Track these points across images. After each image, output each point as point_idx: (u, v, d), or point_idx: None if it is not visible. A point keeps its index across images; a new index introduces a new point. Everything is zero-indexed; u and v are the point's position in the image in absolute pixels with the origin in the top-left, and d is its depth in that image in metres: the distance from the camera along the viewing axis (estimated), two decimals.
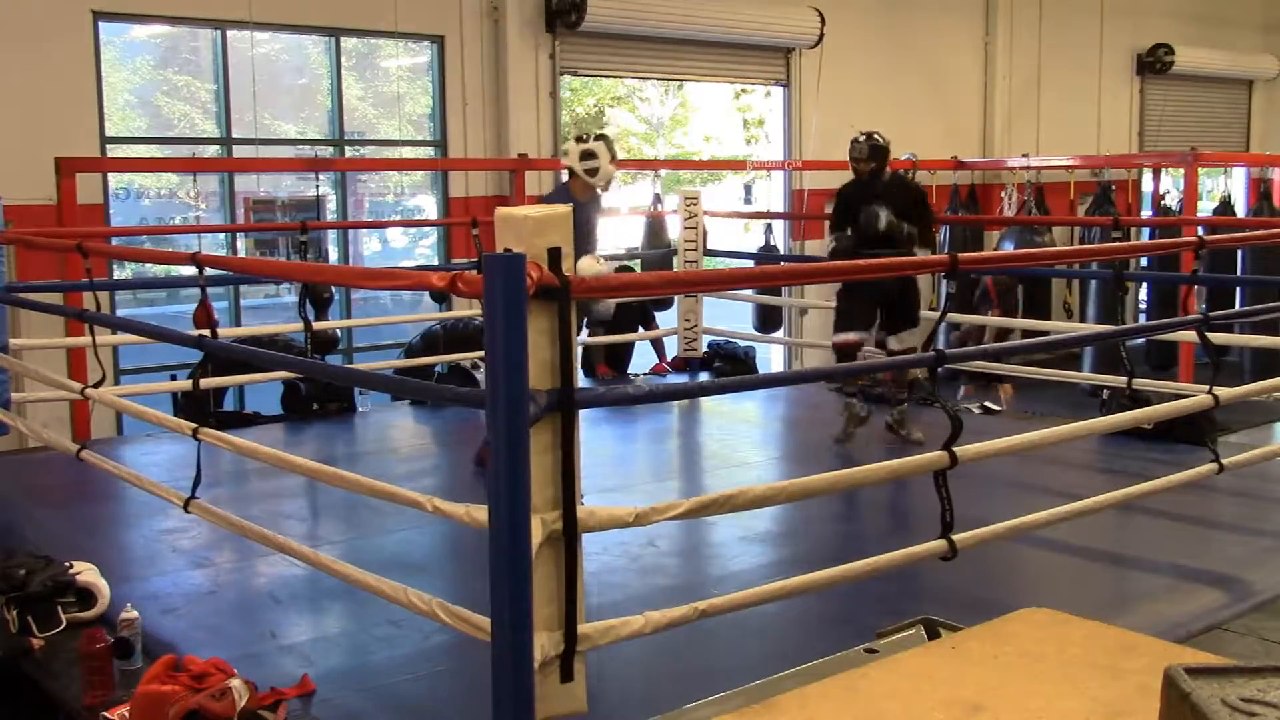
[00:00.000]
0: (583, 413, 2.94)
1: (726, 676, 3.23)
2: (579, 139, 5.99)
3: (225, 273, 7.08)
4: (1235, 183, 13.74)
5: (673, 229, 10.03)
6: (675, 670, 3.90)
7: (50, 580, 4.21)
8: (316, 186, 9.43)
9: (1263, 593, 4.56)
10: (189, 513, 4.42)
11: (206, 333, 5.27)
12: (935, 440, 3.81)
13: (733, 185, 19.42)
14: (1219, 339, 6.75)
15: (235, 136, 9.00)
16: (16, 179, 7.53)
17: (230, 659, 3.67)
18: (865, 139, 6.91)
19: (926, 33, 12.76)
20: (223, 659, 3.63)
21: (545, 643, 2.86)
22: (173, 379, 7.70)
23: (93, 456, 5.30)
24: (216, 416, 7.70)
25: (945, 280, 6.41)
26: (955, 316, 9.08)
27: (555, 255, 2.80)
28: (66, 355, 7.46)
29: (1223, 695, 1.52)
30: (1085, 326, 10.06)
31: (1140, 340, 10.47)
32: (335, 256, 9.86)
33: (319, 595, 4.67)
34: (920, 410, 7.01)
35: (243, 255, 9.52)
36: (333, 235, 9.85)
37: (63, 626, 4.14)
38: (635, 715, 3.15)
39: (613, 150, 6.01)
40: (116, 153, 8.69)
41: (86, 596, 4.27)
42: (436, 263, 10.00)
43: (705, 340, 9.66)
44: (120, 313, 8.57)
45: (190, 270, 5.46)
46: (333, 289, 8.70)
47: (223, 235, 9.39)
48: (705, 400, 8.32)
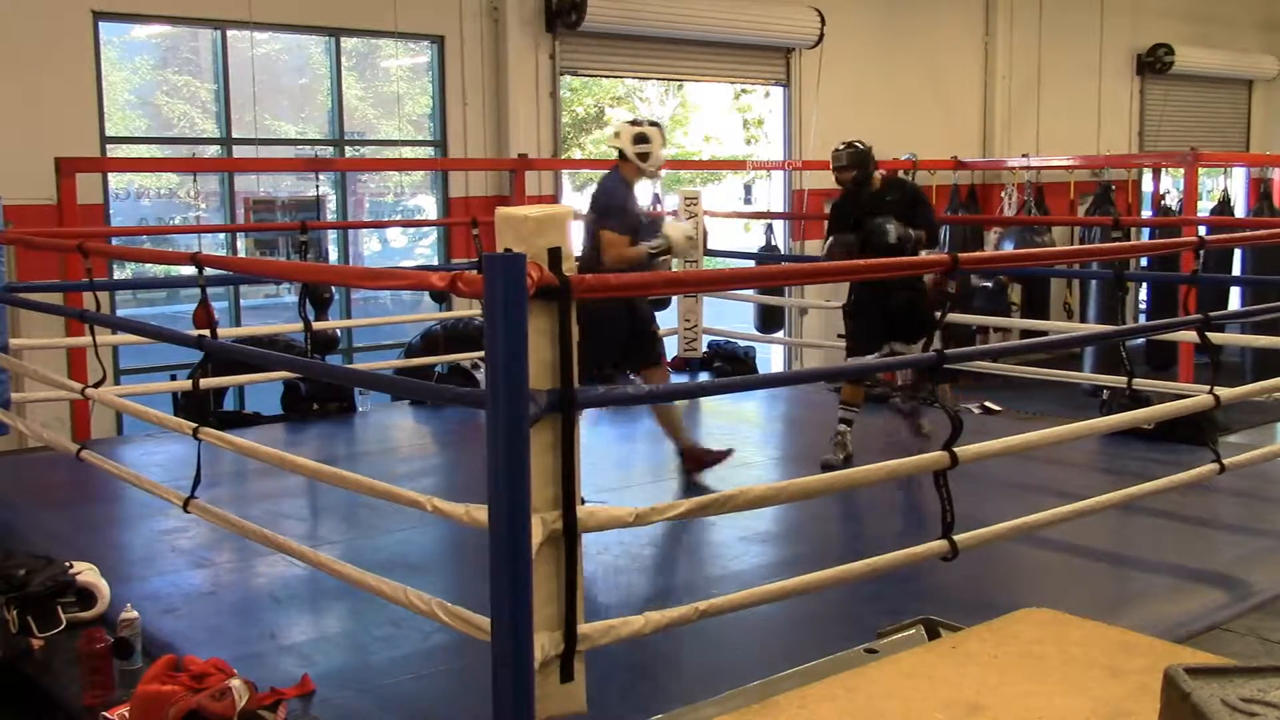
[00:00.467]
0: (583, 413, 2.93)
1: (726, 676, 3.23)
2: (634, 122, 5.90)
3: (225, 273, 7.07)
4: (1235, 183, 13.74)
5: None
6: (675, 670, 3.91)
7: (50, 580, 4.21)
8: (316, 186, 9.43)
9: (1263, 593, 4.56)
10: (189, 513, 4.42)
11: (206, 333, 5.28)
12: (935, 440, 3.81)
13: (733, 185, 19.45)
14: (1219, 339, 6.75)
15: (235, 136, 9.01)
16: (16, 179, 7.53)
17: (230, 659, 3.67)
18: (845, 147, 6.63)
19: (926, 33, 12.76)
20: (223, 659, 3.63)
21: (545, 643, 2.86)
22: (173, 379, 7.70)
23: (93, 456, 5.30)
24: (216, 416, 7.70)
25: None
26: (962, 318, 9.02)
27: (555, 255, 2.80)
28: (66, 355, 7.46)
29: (1223, 695, 1.52)
30: (1085, 326, 10.06)
31: (1140, 340, 10.47)
32: (335, 256, 9.86)
33: (319, 595, 4.67)
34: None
35: (243, 255, 9.52)
36: (333, 235, 9.85)
37: (63, 626, 4.13)
38: (635, 715, 3.14)
39: (665, 137, 5.94)
40: (116, 153, 8.69)
41: (86, 596, 4.27)
42: (436, 263, 10.01)
43: (705, 340, 9.66)
44: (120, 313, 8.57)
45: (190, 270, 5.46)
46: (333, 289, 8.70)
47: (223, 235, 9.39)
48: (705, 400, 8.32)
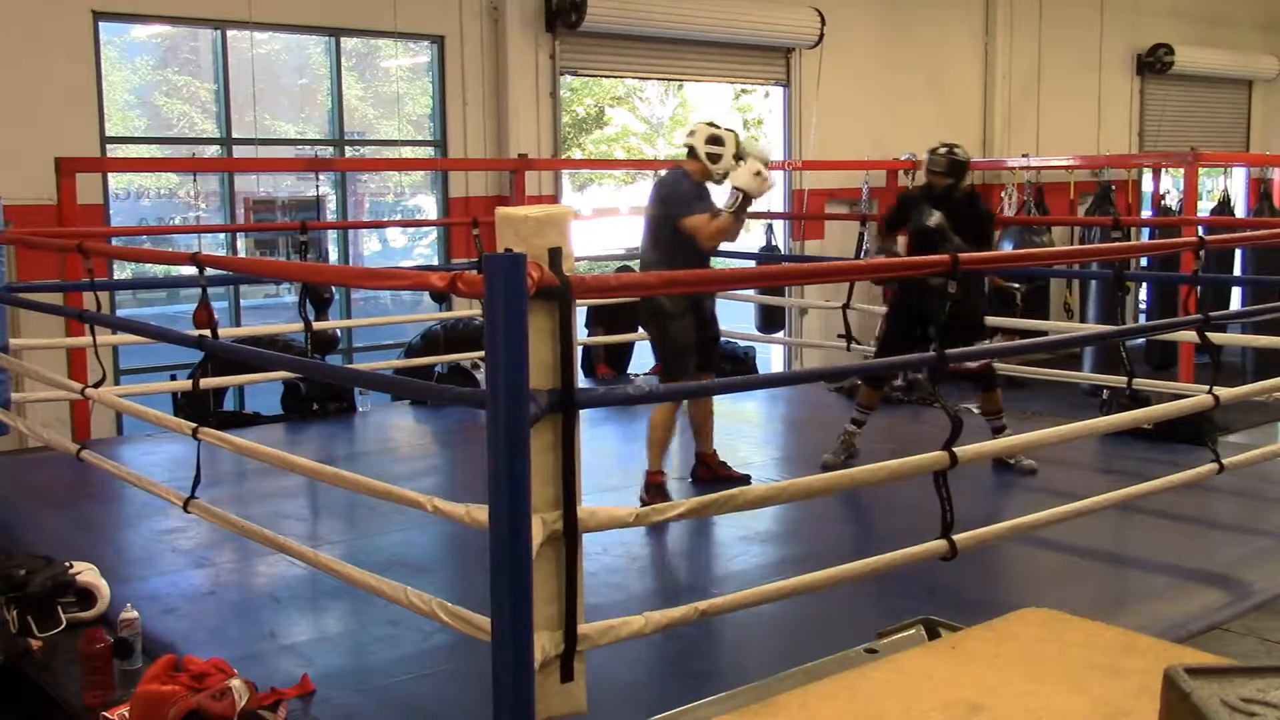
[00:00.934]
0: (583, 413, 2.93)
1: (726, 676, 3.24)
2: (711, 124, 5.86)
3: (225, 273, 7.07)
4: (1235, 183, 13.74)
5: None
6: (675, 670, 3.90)
7: (50, 580, 4.21)
8: (316, 186, 9.43)
9: (1263, 593, 4.56)
10: (189, 513, 4.42)
11: (206, 333, 5.27)
12: (935, 440, 3.81)
13: None
14: (1219, 339, 6.75)
15: (235, 136, 9.00)
16: (16, 179, 7.54)
17: (230, 659, 3.67)
18: (946, 152, 6.36)
19: (926, 33, 12.76)
20: (223, 659, 3.63)
21: (545, 643, 2.86)
22: (173, 379, 7.70)
23: (93, 456, 5.30)
24: (216, 416, 7.70)
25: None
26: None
27: (555, 255, 2.80)
28: (66, 355, 7.46)
29: (1223, 695, 1.52)
30: (1085, 326, 10.06)
31: (1140, 340, 10.47)
32: (335, 256, 9.86)
33: (319, 595, 4.67)
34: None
35: (243, 255, 9.52)
36: (333, 235, 9.85)
37: (63, 626, 4.14)
38: (635, 715, 3.14)
39: (739, 146, 5.78)
40: (116, 153, 8.70)
41: (86, 596, 4.27)
42: (436, 263, 10.01)
43: None
44: (120, 313, 8.57)
45: (190, 270, 5.46)
46: (333, 289, 8.70)
47: (223, 235, 9.39)
48: None
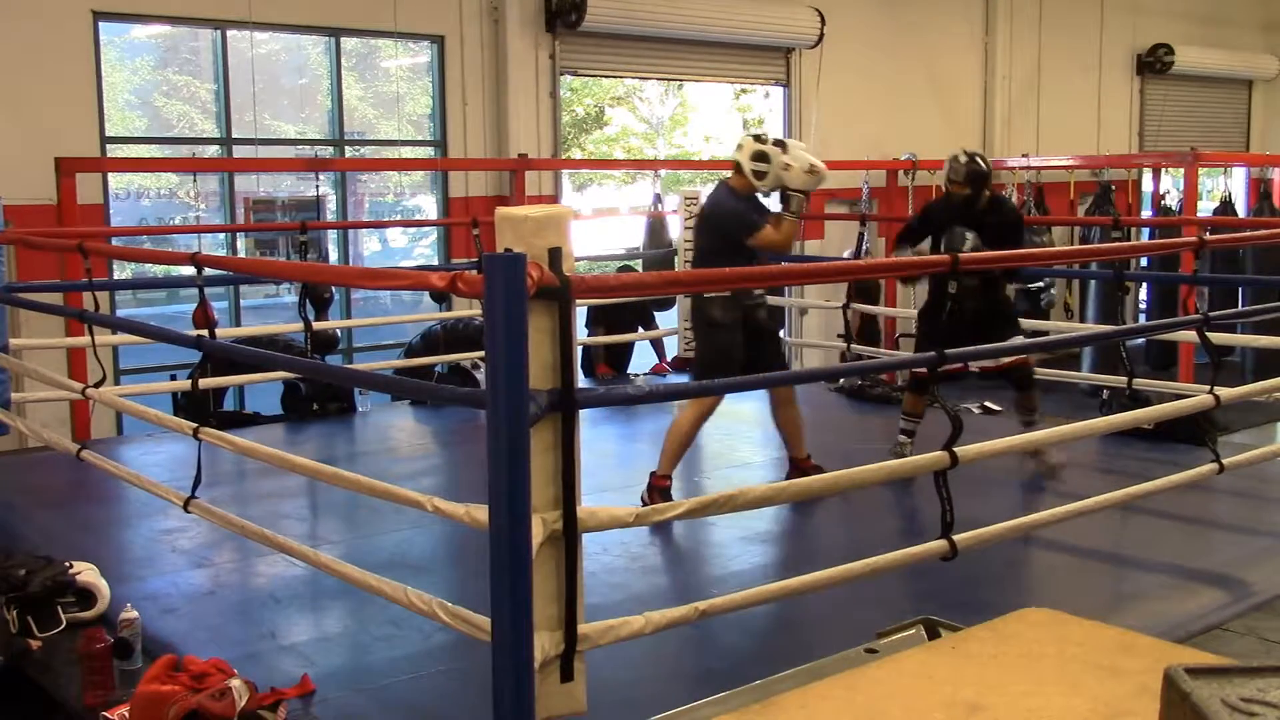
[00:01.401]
0: (583, 413, 2.93)
1: (726, 676, 3.23)
2: (758, 139, 5.81)
3: (225, 273, 7.08)
4: (1235, 183, 13.74)
5: (673, 229, 10.03)
6: (675, 670, 3.91)
7: (50, 580, 4.21)
8: (316, 186, 9.43)
9: (1262, 593, 4.56)
10: (189, 513, 4.42)
11: (205, 333, 5.27)
12: (935, 440, 3.81)
13: None
14: (1221, 339, 6.74)
15: (235, 136, 9.00)
16: (16, 179, 7.53)
17: (230, 659, 3.67)
18: (966, 161, 6.19)
19: (926, 33, 12.76)
20: (223, 659, 3.64)
21: (545, 643, 2.86)
22: (173, 379, 7.70)
23: (93, 456, 5.30)
24: (216, 416, 7.70)
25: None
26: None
27: (555, 255, 2.80)
28: (66, 355, 7.46)
29: (1223, 695, 1.52)
30: (1085, 326, 10.06)
31: (1140, 340, 10.47)
32: (335, 256, 9.86)
33: (319, 595, 4.67)
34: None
35: (243, 255, 9.52)
36: (333, 235, 9.85)
37: (63, 626, 4.13)
38: (635, 715, 3.14)
39: (787, 159, 5.72)
40: (116, 153, 8.70)
41: (86, 596, 4.27)
42: (436, 263, 10.01)
43: None
44: (120, 313, 8.57)
45: (190, 270, 5.46)
46: (333, 289, 8.70)
47: (223, 235, 9.39)
48: None
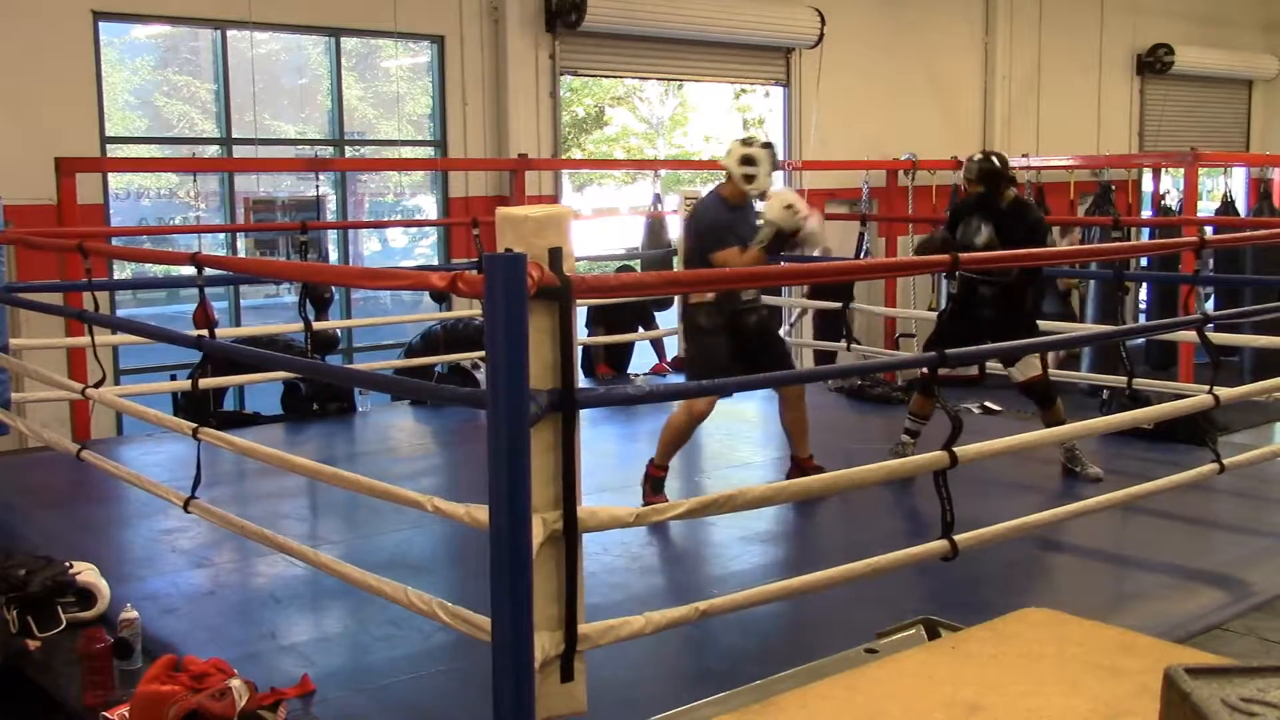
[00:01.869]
0: (583, 413, 2.93)
1: (726, 676, 3.23)
2: (744, 142, 5.78)
3: (225, 273, 7.08)
4: (1235, 183, 13.74)
5: (672, 229, 10.03)
6: (675, 670, 3.91)
7: (50, 580, 4.21)
8: (316, 186, 9.43)
9: (1263, 593, 4.56)
10: (189, 513, 4.42)
11: (205, 333, 5.27)
12: (935, 440, 3.81)
13: None
14: (1222, 339, 6.74)
15: (235, 136, 9.01)
16: (16, 179, 7.53)
17: (230, 659, 3.67)
18: (980, 159, 6.18)
19: (926, 33, 12.76)
20: (223, 659, 3.64)
21: (545, 643, 2.86)
22: (173, 379, 7.70)
23: (93, 456, 5.30)
24: (216, 416, 7.69)
25: (947, 281, 6.34)
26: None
27: (556, 255, 2.80)
28: (66, 355, 7.46)
29: (1223, 695, 1.52)
30: (1085, 326, 10.06)
31: (1140, 340, 10.46)
32: (335, 256, 9.86)
33: (319, 595, 4.67)
34: (1076, 452, 6.68)
35: (243, 255, 9.52)
36: (333, 235, 9.85)
37: (63, 626, 4.13)
38: (635, 715, 3.14)
39: (775, 161, 5.76)
40: (116, 153, 8.70)
41: (86, 596, 4.27)
42: (436, 263, 10.01)
43: None
44: (120, 313, 8.57)
45: (190, 270, 5.46)
46: (333, 289, 8.70)
47: (223, 235, 9.39)
48: None
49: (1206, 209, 12.48)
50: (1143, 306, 11.85)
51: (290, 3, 9.01)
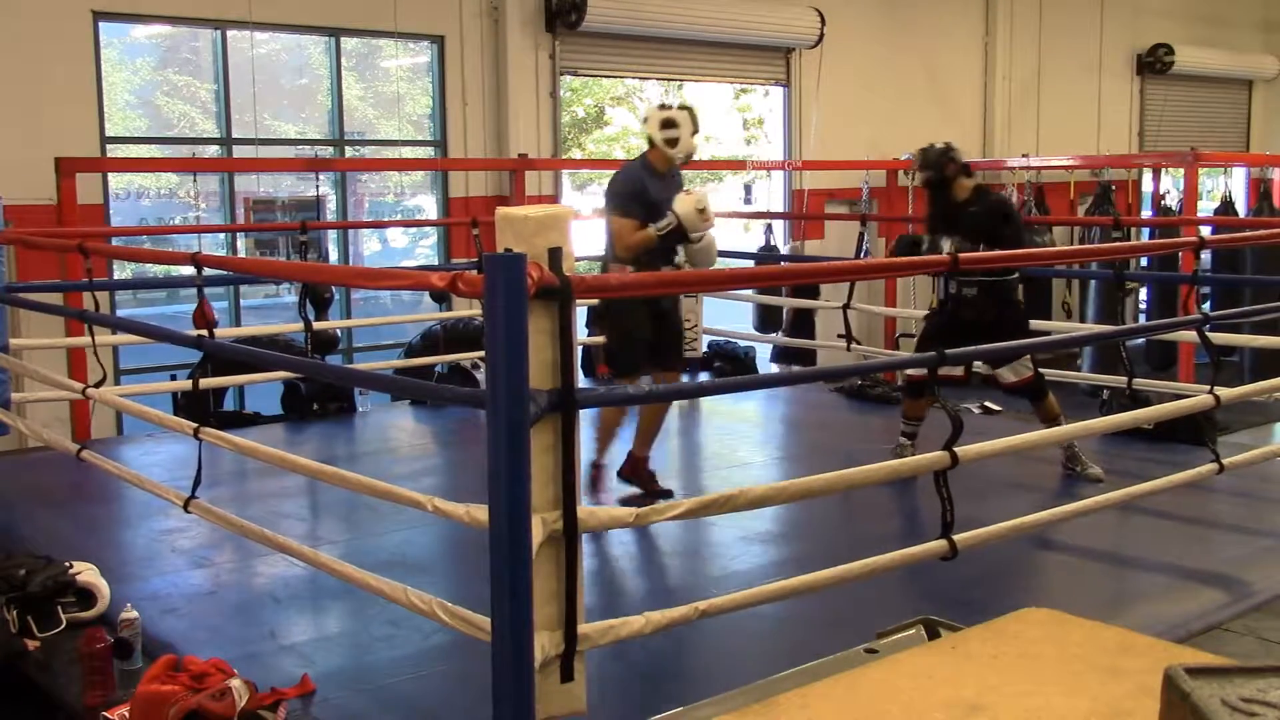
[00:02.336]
0: (583, 413, 2.93)
1: (726, 676, 3.23)
2: (662, 106, 5.79)
3: (225, 273, 7.08)
4: (1235, 183, 13.74)
5: None
6: (675, 670, 3.91)
7: (50, 580, 4.21)
8: (316, 186, 9.43)
9: (1263, 593, 4.56)
10: (189, 513, 4.42)
11: (205, 333, 5.27)
12: (935, 440, 3.81)
13: (733, 185, 19.43)
14: (1222, 339, 6.74)
15: (235, 136, 9.01)
16: (16, 179, 7.53)
17: (230, 659, 3.67)
18: (923, 150, 6.30)
19: (926, 33, 12.76)
20: (223, 659, 3.64)
21: (545, 643, 2.86)
22: (173, 379, 7.70)
23: (93, 456, 5.30)
24: (217, 416, 7.70)
25: (946, 281, 6.30)
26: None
27: (556, 255, 2.80)
28: (66, 355, 7.47)
29: (1223, 695, 1.52)
30: (1085, 326, 10.06)
31: (1140, 340, 10.47)
32: (335, 256, 9.86)
33: (319, 595, 4.67)
34: (1075, 451, 6.66)
35: (243, 255, 9.52)
36: (333, 235, 9.85)
37: (63, 626, 4.13)
38: (635, 715, 3.15)
39: (696, 122, 5.78)
40: (116, 153, 8.70)
41: (86, 596, 4.27)
42: (436, 263, 10.01)
43: (705, 340, 9.65)
44: (120, 313, 8.57)
45: (190, 270, 5.46)
46: (333, 289, 8.70)
47: (223, 235, 9.39)
48: (705, 400, 8.32)
49: (1206, 209, 12.48)
50: (1143, 307, 11.86)
51: (290, 3, 9.01)
